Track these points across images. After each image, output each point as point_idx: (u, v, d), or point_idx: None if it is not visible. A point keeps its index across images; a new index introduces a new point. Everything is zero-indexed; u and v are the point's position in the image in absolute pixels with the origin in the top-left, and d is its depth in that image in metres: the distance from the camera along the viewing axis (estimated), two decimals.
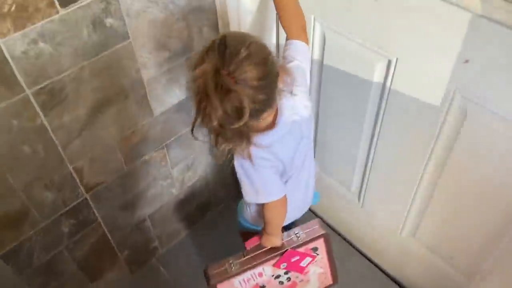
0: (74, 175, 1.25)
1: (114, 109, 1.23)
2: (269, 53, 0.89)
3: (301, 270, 1.26)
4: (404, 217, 1.48)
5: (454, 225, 1.33)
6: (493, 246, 1.25)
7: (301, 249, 1.22)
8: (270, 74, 0.88)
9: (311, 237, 1.22)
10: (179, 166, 1.58)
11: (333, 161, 1.62)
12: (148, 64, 1.24)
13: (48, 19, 0.97)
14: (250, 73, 0.83)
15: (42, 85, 1.04)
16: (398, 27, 1.08)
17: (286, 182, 1.15)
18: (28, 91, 1.02)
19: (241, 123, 0.84)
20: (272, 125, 1.01)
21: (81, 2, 1.01)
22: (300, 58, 1.10)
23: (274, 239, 1.19)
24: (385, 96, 1.24)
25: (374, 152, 1.41)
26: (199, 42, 1.32)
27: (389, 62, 1.17)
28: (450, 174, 1.23)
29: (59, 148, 1.17)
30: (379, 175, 1.47)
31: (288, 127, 1.03)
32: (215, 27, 1.33)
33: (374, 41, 1.17)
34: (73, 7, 1.00)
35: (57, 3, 0.97)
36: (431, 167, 1.26)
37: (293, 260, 1.22)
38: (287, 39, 1.13)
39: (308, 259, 1.24)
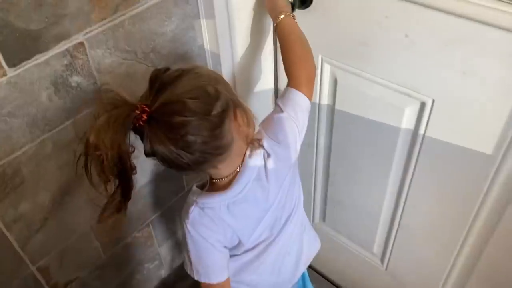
0: (39, 276, 0.97)
1: (87, 189, 0.97)
2: (209, 81, 0.71)
3: None
4: (447, 272, 1.24)
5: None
6: None
7: None
8: (204, 109, 0.68)
9: None
10: (168, 243, 1.31)
11: (349, 221, 1.38)
12: None
13: None
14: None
15: None
16: (435, 63, 0.89)
17: (243, 254, 0.91)
18: None
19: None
20: (226, 186, 0.80)
21: (37, 59, 0.76)
22: (293, 114, 0.86)
23: None
24: (417, 145, 1.04)
25: (403, 209, 1.19)
26: None
27: (423, 104, 0.97)
28: (505, 231, 1.01)
29: (16, 246, 0.89)
30: (408, 235, 1.24)
31: (244, 193, 0.80)
32: None
33: (402, 82, 0.97)
34: (25, 66, 0.75)
35: (3, 63, 0.72)
36: (489, 204, 1.02)
37: None
38: (287, 85, 0.90)
39: None
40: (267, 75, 1.21)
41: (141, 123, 0.66)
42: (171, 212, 1.25)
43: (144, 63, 0.95)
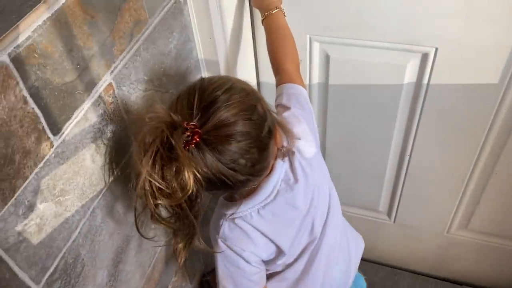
0: None
1: (133, 247, 0.84)
2: (257, 99, 0.66)
3: None
4: (452, 215, 1.35)
5: None
6: None
7: None
8: (257, 131, 0.64)
9: None
10: (197, 276, 1.20)
11: (350, 190, 1.40)
12: None
13: (40, 165, 0.57)
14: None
15: (51, 270, 0.62)
16: (437, 10, 0.92)
17: (288, 269, 0.87)
18: None
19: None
20: (253, 190, 0.75)
21: (76, 117, 0.62)
22: (299, 106, 0.83)
23: None
24: (421, 96, 1.09)
25: (409, 161, 1.25)
26: None
27: (425, 56, 1.01)
28: (507, 164, 1.13)
29: None
30: (415, 184, 1.31)
31: (273, 195, 0.75)
32: None
33: (402, 39, 0.99)
34: (68, 129, 0.61)
35: (48, 132, 0.57)
36: (488, 149, 1.14)
37: None
38: (279, 83, 0.87)
39: None
40: (251, 73, 1.15)
41: (192, 146, 0.59)
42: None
43: (159, 89, 0.83)
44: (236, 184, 0.64)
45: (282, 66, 0.89)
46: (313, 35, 1.07)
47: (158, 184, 0.58)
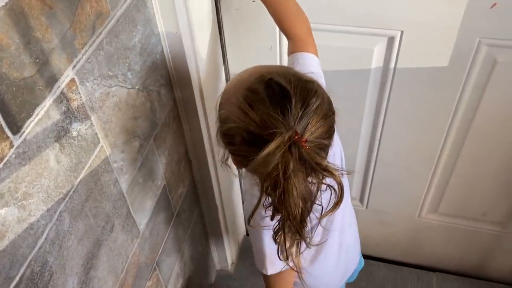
0: None
1: (104, 252, 0.80)
2: (332, 110, 0.67)
3: None
4: (423, 198, 1.37)
5: (484, 183, 1.27)
6: None
7: None
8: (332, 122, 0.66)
9: None
10: (172, 279, 1.17)
11: None
12: (123, 168, 0.83)
13: None
14: (320, 128, 0.61)
15: (16, 279, 0.58)
16: None
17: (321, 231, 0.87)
18: None
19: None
20: None
21: (37, 115, 0.58)
22: (315, 70, 0.84)
23: None
24: (389, 80, 1.09)
25: (378, 146, 1.26)
26: (161, 111, 0.95)
27: (391, 39, 1.02)
28: (477, 133, 1.15)
29: None
30: (385, 169, 1.32)
31: None
32: (169, 85, 0.98)
33: (368, 21, 1.00)
34: (29, 127, 0.56)
35: (7, 131, 0.53)
36: (454, 132, 1.16)
37: None
38: (291, 51, 0.85)
39: None
40: (220, 66, 1.13)
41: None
42: (170, 244, 1.11)
43: (125, 86, 0.79)
44: None
45: (291, 31, 0.86)
46: None
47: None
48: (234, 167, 0.76)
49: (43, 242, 0.62)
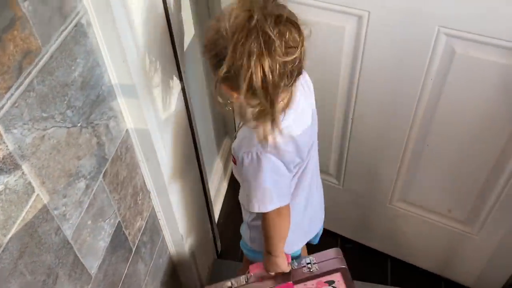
0: None
1: None
2: None
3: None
4: (392, 184, 1.38)
5: (448, 176, 1.27)
6: (489, 191, 1.22)
7: (313, 282, 1.02)
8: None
9: (326, 271, 1.00)
10: None
11: None
12: (67, 213, 0.76)
13: None
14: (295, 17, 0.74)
15: None
16: None
17: (299, 178, 0.96)
18: None
19: (290, 58, 0.71)
20: (286, 106, 0.83)
21: None
22: None
23: (280, 261, 0.98)
24: (359, 59, 1.12)
25: (352, 123, 1.28)
26: (110, 145, 0.89)
27: (360, 19, 1.04)
28: (440, 123, 1.16)
29: None
30: (359, 148, 1.34)
31: (301, 103, 0.87)
32: (120, 116, 0.92)
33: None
34: None
35: None
36: (419, 119, 1.17)
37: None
38: None
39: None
40: (177, 94, 1.07)
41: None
42: (133, 281, 1.04)
43: (64, 125, 0.72)
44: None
45: None
46: None
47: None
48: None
49: None
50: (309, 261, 1.01)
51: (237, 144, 0.88)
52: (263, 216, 0.92)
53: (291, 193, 0.94)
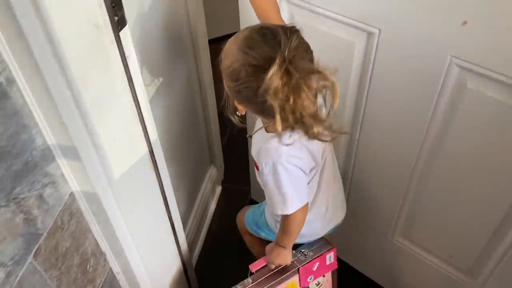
0: None
1: None
2: None
3: (328, 268, 1.18)
4: (395, 217, 1.28)
5: (451, 221, 1.17)
6: (498, 243, 1.10)
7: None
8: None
9: (319, 253, 1.14)
10: None
11: None
12: None
13: None
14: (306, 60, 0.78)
15: None
16: None
17: (320, 176, 1.02)
18: None
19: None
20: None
21: None
22: None
23: (287, 253, 1.08)
24: (368, 78, 1.04)
25: (358, 144, 1.20)
26: (46, 217, 0.74)
27: (370, 35, 0.97)
28: (446, 160, 1.06)
29: None
30: (364, 169, 1.25)
31: None
32: (61, 180, 0.77)
33: (352, 13, 0.96)
34: None
35: None
36: (425, 153, 1.08)
37: (315, 268, 1.15)
38: None
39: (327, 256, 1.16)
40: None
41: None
42: None
43: None
44: None
45: (268, 16, 0.93)
46: None
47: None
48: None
49: None
50: (303, 250, 1.14)
51: (255, 152, 0.95)
52: (283, 219, 1.00)
53: (315, 191, 1.02)
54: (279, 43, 0.73)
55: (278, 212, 0.96)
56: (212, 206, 1.77)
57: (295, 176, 0.91)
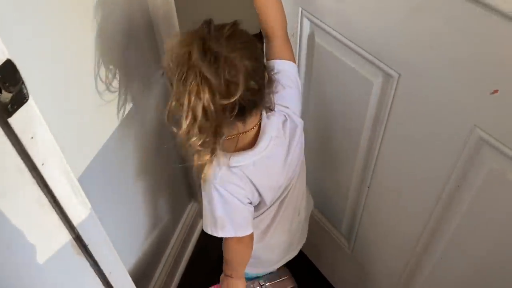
0: None
1: None
2: (256, 40, 0.76)
3: None
4: (405, 267, 1.13)
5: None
6: None
7: None
8: (259, 62, 0.75)
9: None
10: None
11: (323, 193, 1.30)
12: None
13: None
14: (239, 51, 0.70)
15: None
16: (403, 31, 0.78)
17: (276, 210, 0.99)
18: None
19: (230, 101, 0.69)
20: (251, 144, 0.84)
21: None
22: (289, 83, 0.90)
23: (238, 283, 1.02)
24: (382, 124, 0.94)
25: (368, 190, 1.10)
26: None
27: (389, 78, 0.86)
28: (460, 227, 0.90)
29: None
30: (373, 216, 1.15)
31: (268, 149, 0.85)
32: None
33: (373, 50, 0.86)
34: None
35: None
36: (437, 217, 0.93)
37: None
38: (274, 56, 0.88)
39: None
40: None
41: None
42: None
43: None
44: (247, 105, 0.74)
45: (273, 31, 0.88)
46: (305, 9, 0.97)
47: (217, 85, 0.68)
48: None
49: None
50: (262, 283, 1.10)
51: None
52: (223, 240, 0.94)
53: (267, 223, 0.98)
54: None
55: (208, 231, 0.89)
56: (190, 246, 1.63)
57: (229, 203, 0.85)
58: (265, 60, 0.85)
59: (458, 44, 0.69)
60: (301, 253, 1.21)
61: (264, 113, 0.84)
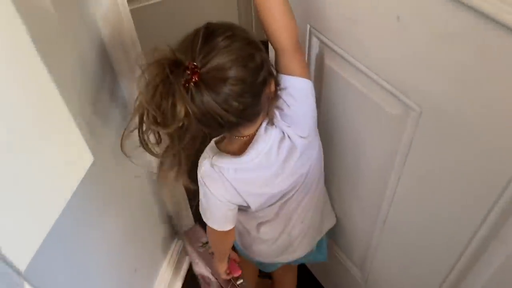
0: None
1: None
2: (256, 49, 0.70)
3: None
4: None
5: None
6: None
7: None
8: (252, 78, 0.69)
9: None
10: None
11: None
12: None
13: None
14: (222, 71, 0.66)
15: None
16: (427, 62, 0.66)
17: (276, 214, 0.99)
18: None
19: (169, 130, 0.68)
20: (240, 151, 0.82)
21: None
22: (294, 103, 0.80)
23: (217, 265, 1.12)
24: (401, 162, 0.83)
25: (382, 231, 0.99)
26: None
27: (409, 111, 0.75)
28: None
29: None
30: (388, 255, 1.05)
31: (253, 164, 0.82)
32: None
33: (390, 79, 0.75)
34: None
35: None
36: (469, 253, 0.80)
37: None
38: (279, 70, 0.78)
39: None
40: None
41: (192, 84, 0.65)
42: None
43: None
44: (227, 125, 0.71)
45: (280, 40, 0.76)
46: (313, 27, 0.87)
47: (153, 112, 0.66)
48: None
49: None
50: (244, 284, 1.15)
51: None
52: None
53: (268, 219, 0.99)
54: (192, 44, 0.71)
55: (202, 215, 0.93)
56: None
57: (208, 198, 0.87)
58: (274, 71, 0.78)
59: (491, 80, 0.58)
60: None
61: (264, 124, 0.80)
